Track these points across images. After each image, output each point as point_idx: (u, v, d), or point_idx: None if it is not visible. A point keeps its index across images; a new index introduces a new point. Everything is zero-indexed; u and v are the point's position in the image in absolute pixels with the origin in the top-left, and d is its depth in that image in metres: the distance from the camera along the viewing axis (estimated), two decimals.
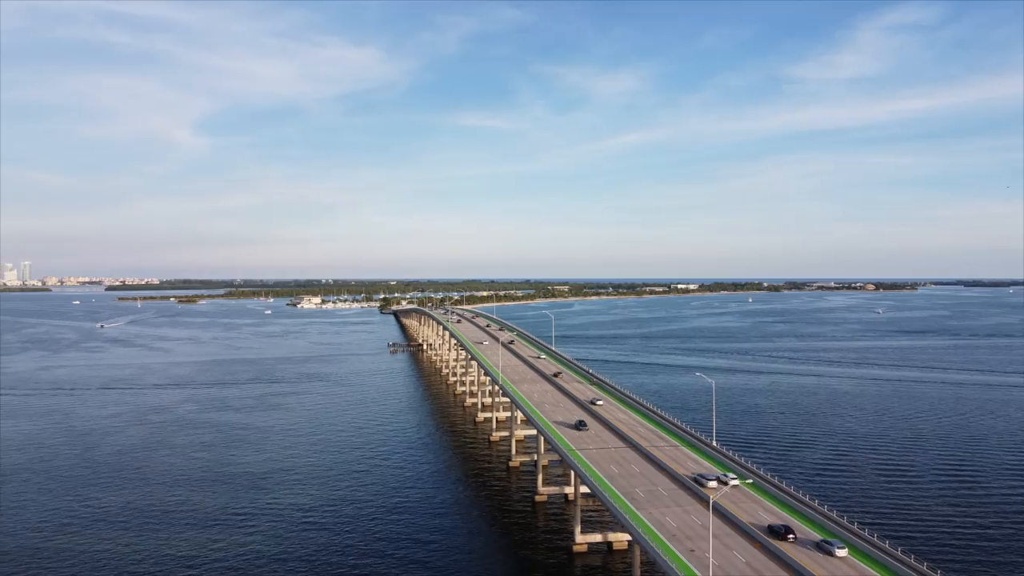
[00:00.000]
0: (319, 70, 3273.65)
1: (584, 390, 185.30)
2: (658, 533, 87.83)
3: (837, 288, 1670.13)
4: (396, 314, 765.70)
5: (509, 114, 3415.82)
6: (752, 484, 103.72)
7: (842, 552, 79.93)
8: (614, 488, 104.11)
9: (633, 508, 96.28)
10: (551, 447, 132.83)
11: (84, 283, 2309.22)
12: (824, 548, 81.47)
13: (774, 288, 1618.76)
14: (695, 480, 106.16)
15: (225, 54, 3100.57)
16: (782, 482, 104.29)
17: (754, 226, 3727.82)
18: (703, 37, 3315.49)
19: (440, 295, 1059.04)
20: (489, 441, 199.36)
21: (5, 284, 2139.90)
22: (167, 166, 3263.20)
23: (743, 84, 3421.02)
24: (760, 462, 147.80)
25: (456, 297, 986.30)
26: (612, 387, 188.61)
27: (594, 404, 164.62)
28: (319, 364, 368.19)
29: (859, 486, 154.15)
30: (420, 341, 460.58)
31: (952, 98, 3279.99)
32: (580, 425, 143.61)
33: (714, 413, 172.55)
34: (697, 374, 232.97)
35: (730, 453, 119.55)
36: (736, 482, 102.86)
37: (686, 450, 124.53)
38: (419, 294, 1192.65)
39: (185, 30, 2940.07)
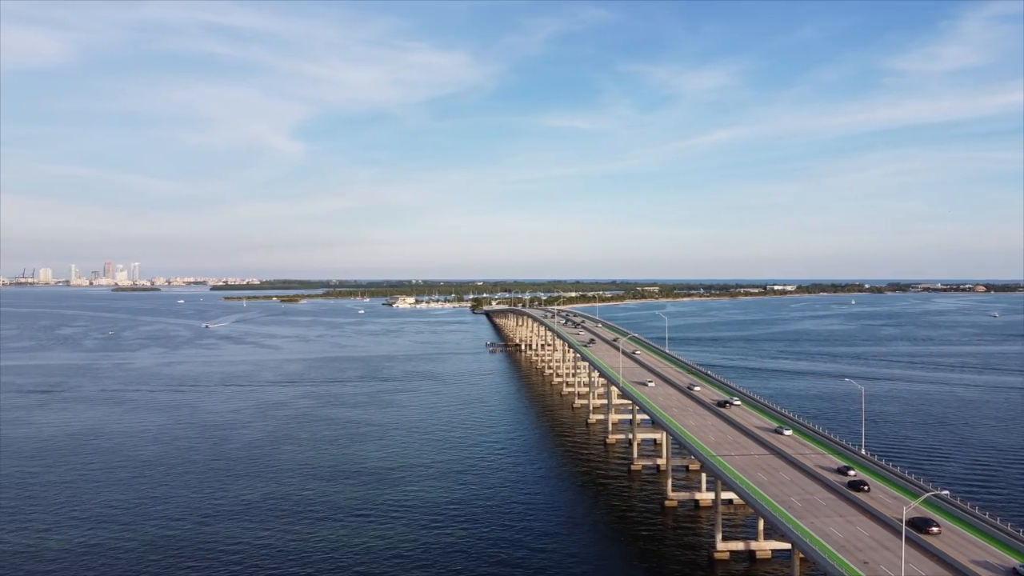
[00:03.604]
0: (407, 75, 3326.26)
1: (711, 394, 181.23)
2: (826, 544, 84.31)
3: (944, 290, 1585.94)
4: (488, 314, 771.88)
5: (594, 114, 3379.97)
6: (926, 502, 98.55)
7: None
8: (767, 496, 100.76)
9: (792, 517, 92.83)
10: (682, 451, 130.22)
11: (190, 283, 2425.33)
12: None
13: (876, 289, 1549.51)
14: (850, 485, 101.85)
15: (319, 62, 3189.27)
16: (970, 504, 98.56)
17: (852, 225, 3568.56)
18: (796, 31, 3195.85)
19: (527, 295, 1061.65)
20: (605, 444, 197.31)
21: (117, 284, 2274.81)
22: (265, 171, 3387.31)
23: (839, 78, 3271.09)
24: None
25: (544, 298, 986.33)
26: (740, 391, 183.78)
27: (723, 406, 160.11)
28: (423, 363, 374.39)
29: (1011, 499, 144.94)
30: (517, 341, 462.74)
31: None
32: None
33: (863, 420, 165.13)
34: (846, 380, 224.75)
35: (881, 460, 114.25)
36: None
37: (833, 458, 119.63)
38: (507, 294, 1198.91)
39: (282, 40, 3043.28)
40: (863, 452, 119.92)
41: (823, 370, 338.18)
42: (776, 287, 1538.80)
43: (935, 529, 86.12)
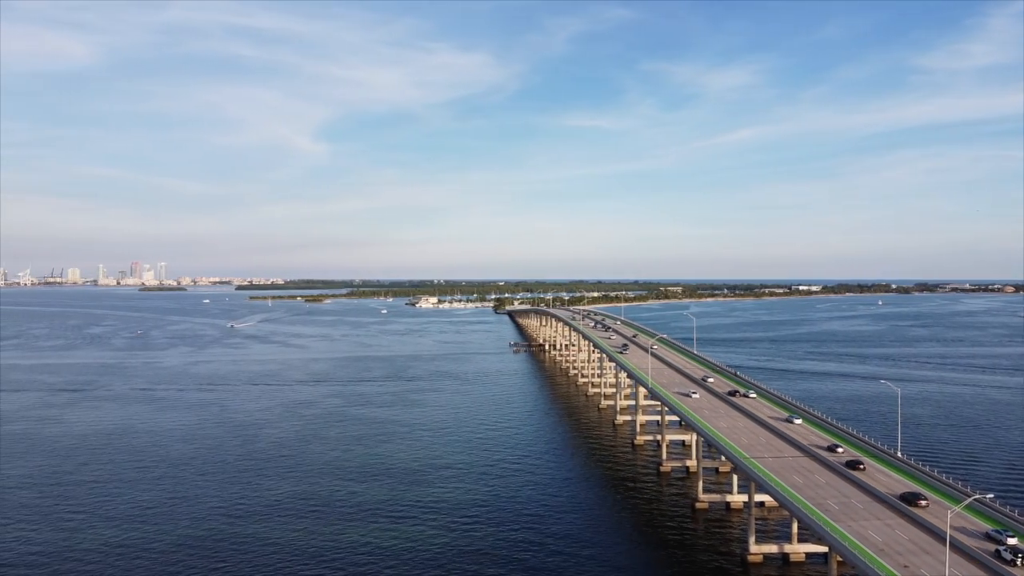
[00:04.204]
0: (429, 76, 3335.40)
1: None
2: (865, 547, 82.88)
3: (973, 290, 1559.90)
4: (511, 314, 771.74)
5: (617, 113, 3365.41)
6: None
7: None
8: (803, 499, 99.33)
9: (829, 520, 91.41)
10: (712, 451, 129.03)
11: (215, 283, 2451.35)
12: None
13: (904, 290, 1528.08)
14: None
15: (342, 63, 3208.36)
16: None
17: (879, 224, 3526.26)
18: (821, 29, 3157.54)
19: (550, 295, 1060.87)
20: (633, 445, 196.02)
21: (144, 284, 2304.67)
22: (289, 172, 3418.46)
23: (864, 76, 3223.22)
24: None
25: (566, 298, 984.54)
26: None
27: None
28: (448, 362, 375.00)
29: None
30: (540, 341, 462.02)
31: None
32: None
33: (899, 423, 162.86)
34: (882, 382, 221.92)
35: (928, 469, 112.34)
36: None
37: (869, 460, 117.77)
38: (529, 294, 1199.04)
39: (305, 41, 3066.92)
40: (898, 454, 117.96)
41: (852, 371, 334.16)
42: (801, 287, 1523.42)
43: (923, 502, 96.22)
